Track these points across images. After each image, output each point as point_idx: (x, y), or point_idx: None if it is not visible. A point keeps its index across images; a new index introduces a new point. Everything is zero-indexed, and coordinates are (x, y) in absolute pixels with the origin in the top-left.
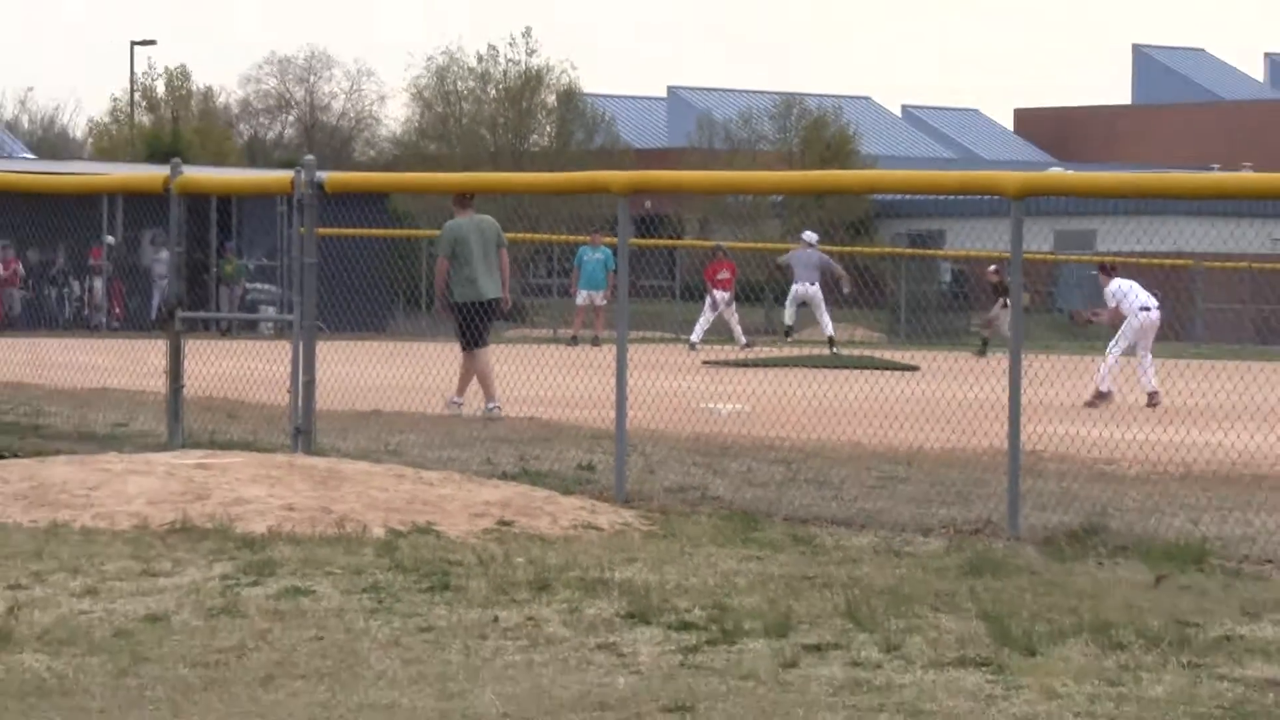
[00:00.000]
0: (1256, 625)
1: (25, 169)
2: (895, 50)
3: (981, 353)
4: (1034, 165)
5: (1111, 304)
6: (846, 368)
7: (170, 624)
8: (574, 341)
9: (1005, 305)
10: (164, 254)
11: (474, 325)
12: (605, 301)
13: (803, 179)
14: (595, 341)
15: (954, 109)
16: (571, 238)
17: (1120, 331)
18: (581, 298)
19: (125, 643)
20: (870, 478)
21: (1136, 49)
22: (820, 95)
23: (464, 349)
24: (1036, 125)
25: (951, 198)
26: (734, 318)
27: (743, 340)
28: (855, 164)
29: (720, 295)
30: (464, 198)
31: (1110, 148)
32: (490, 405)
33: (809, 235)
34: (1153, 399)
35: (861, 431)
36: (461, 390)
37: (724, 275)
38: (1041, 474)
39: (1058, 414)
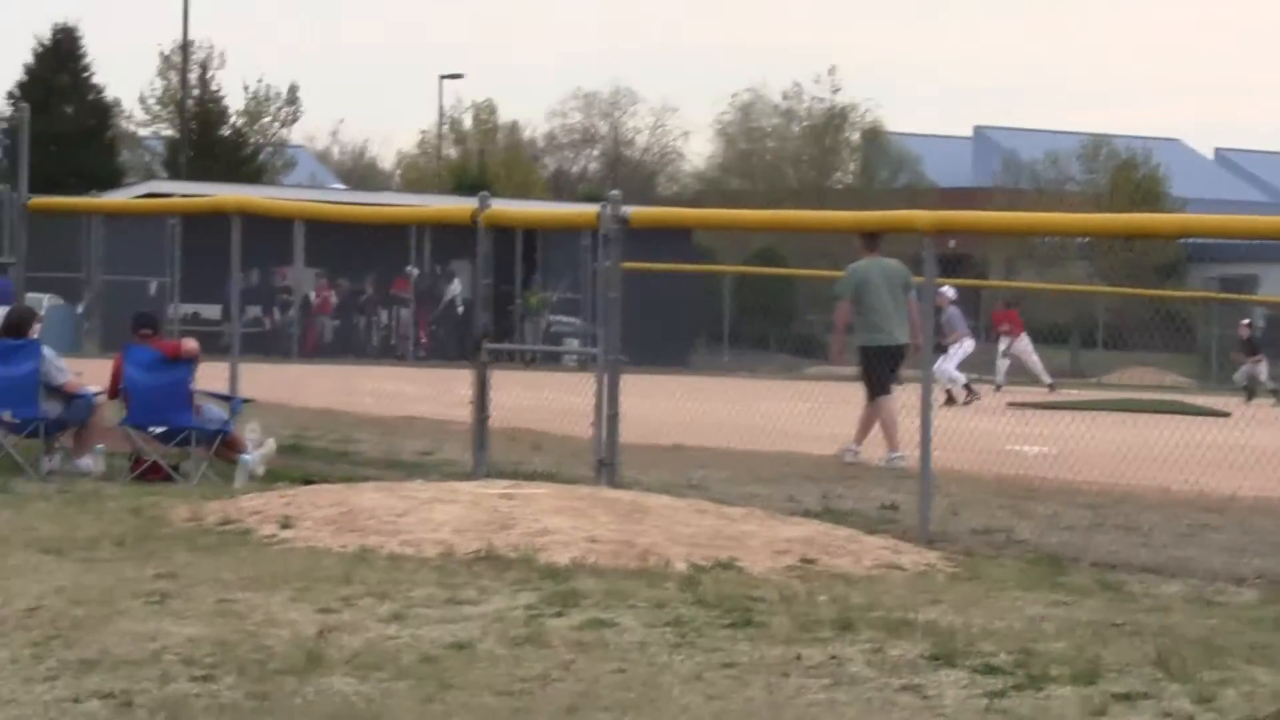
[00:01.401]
0: None
1: (338, 199)
2: (1207, 93)
3: (1249, 398)
4: None
5: None
6: (1155, 412)
7: (475, 652)
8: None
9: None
10: (455, 284)
11: (880, 371)
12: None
13: (1112, 221)
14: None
15: (1270, 152)
16: None
17: None
18: None
19: (431, 669)
20: (1180, 525)
21: None
22: (1129, 136)
23: (869, 396)
24: None
25: (1266, 242)
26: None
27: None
28: (1165, 206)
29: (1005, 343)
30: (872, 238)
31: None
32: (893, 455)
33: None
34: None
35: (1171, 477)
36: (860, 438)
37: (1005, 327)
38: None
39: None
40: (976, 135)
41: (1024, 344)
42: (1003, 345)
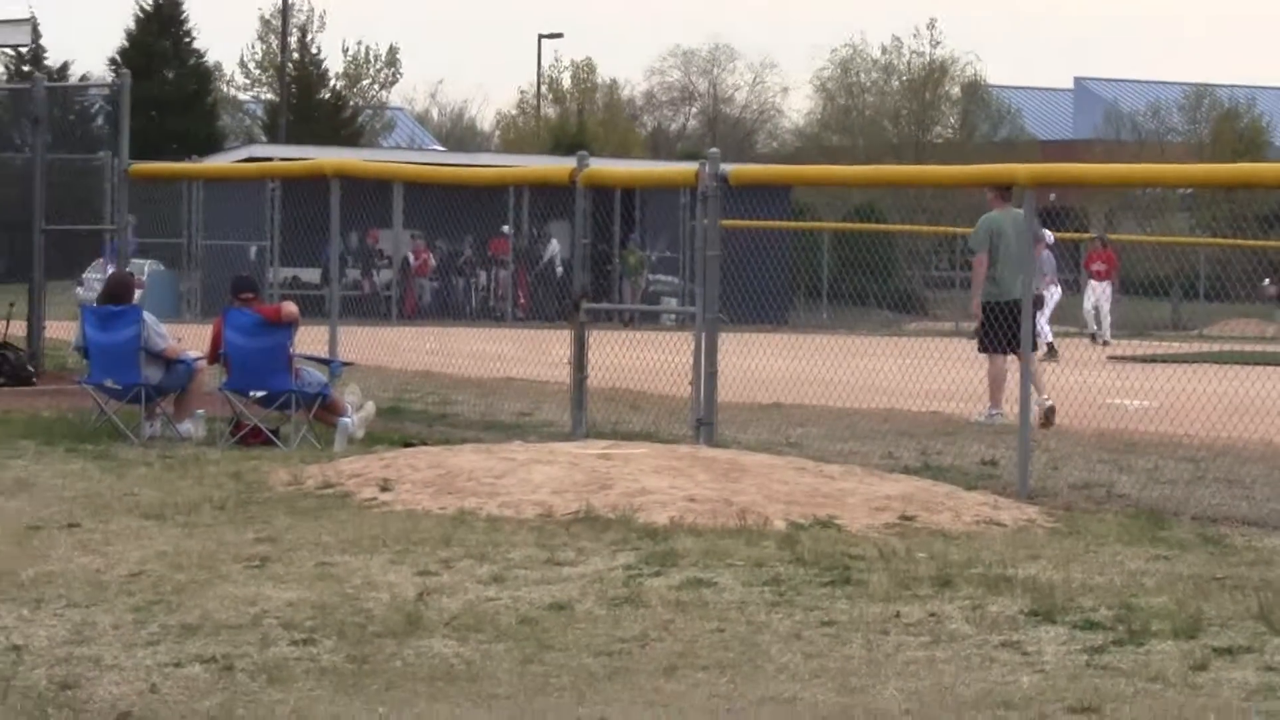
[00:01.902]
0: None
1: (437, 161)
2: None
3: None
4: None
5: None
6: (1257, 364)
7: (574, 613)
8: None
9: None
10: (553, 245)
11: (997, 328)
12: None
13: (1214, 171)
14: None
15: None
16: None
17: None
18: None
19: (530, 630)
20: None
21: None
22: (1232, 86)
23: (981, 349)
24: None
25: None
26: (1105, 309)
27: (1105, 336)
28: (1268, 156)
29: (1096, 286)
30: (1004, 190)
31: None
32: (993, 412)
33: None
34: None
35: (1273, 430)
36: (996, 398)
37: (1098, 266)
38: None
39: None
40: (1077, 87)
41: (1105, 291)
42: (1092, 294)
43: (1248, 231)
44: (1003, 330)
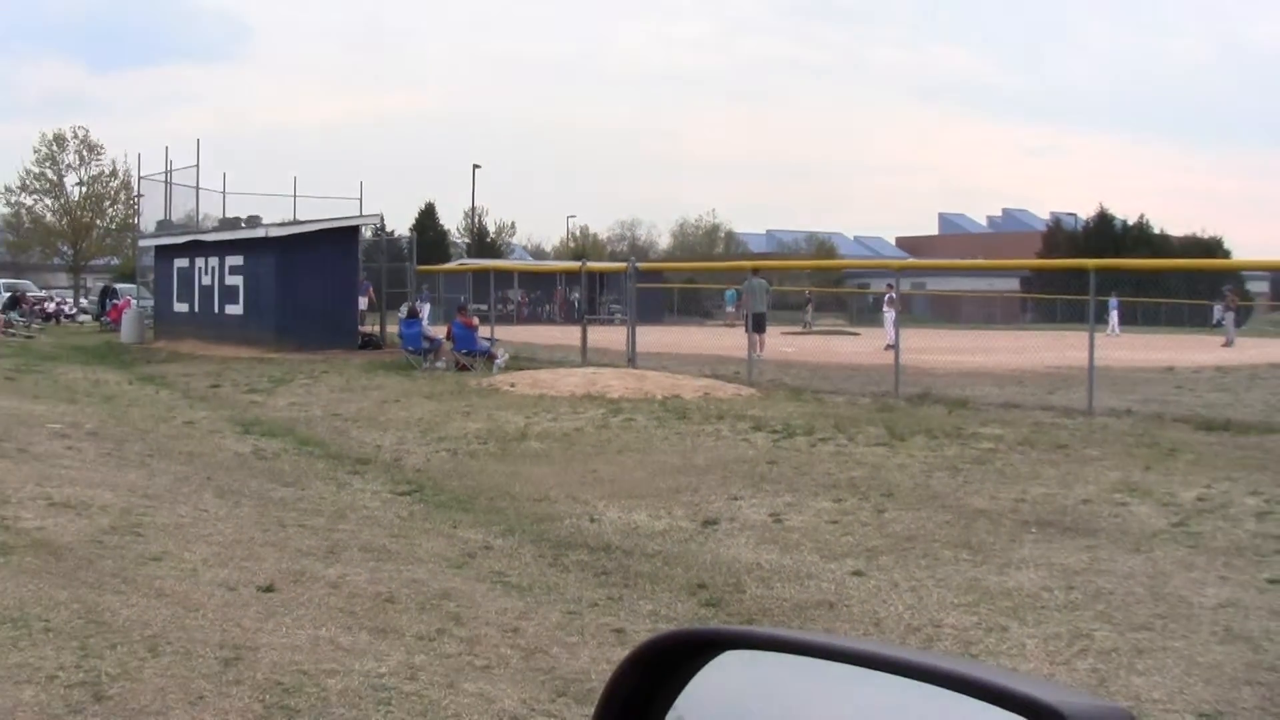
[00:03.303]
0: (984, 428)
1: (530, 264)
2: None
3: None
4: None
5: None
6: (834, 334)
7: (584, 431)
8: None
9: None
10: (576, 293)
11: (753, 323)
12: None
13: None
14: None
15: None
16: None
17: None
18: None
19: (567, 437)
20: None
21: None
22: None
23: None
24: None
25: None
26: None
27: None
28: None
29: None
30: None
31: None
32: (754, 354)
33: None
34: None
35: (848, 352)
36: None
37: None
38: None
39: None
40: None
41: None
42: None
43: None
44: (753, 324)
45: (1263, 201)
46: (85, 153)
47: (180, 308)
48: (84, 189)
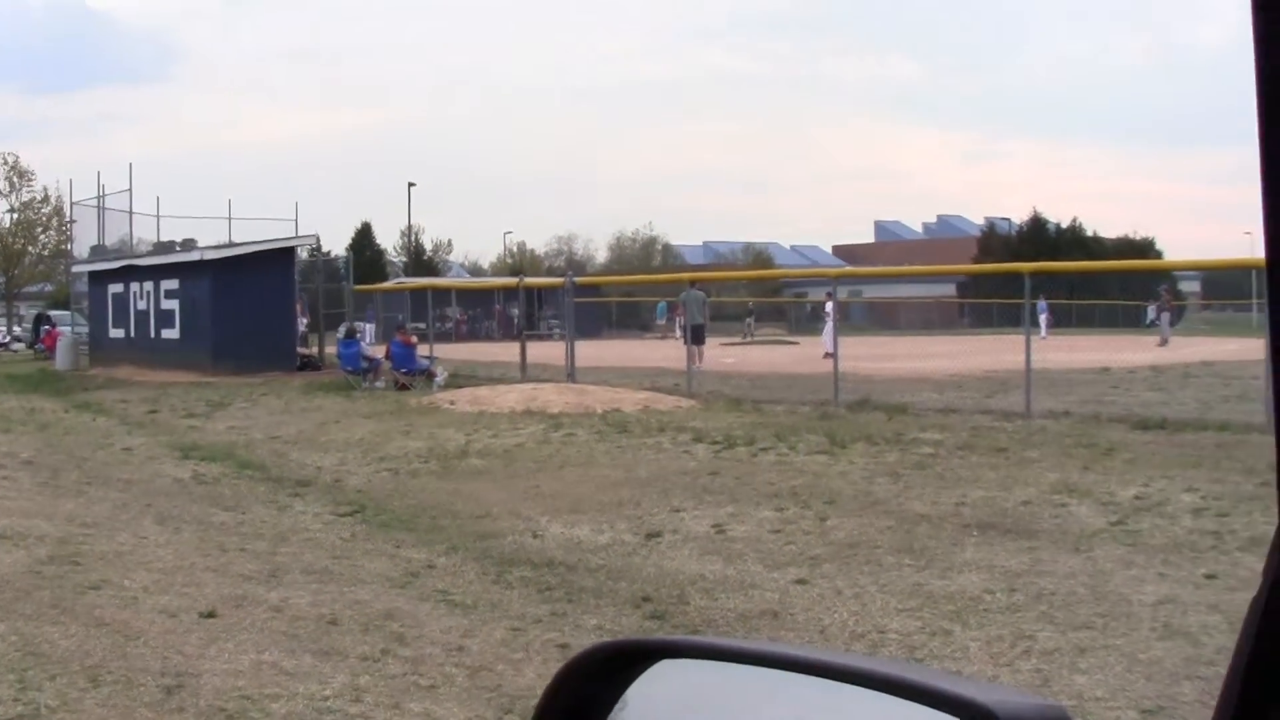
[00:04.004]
0: (924, 433)
1: (466, 281)
2: None
3: None
4: None
5: None
6: (772, 344)
7: (524, 447)
8: None
9: None
10: (514, 309)
11: (694, 335)
12: None
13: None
14: None
15: None
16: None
17: None
18: None
19: (508, 454)
20: None
21: None
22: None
23: (695, 342)
24: None
25: None
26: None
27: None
28: None
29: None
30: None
31: None
32: (694, 367)
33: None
34: None
35: (787, 361)
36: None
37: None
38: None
39: None
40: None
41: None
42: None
43: None
44: (692, 335)
45: (1194, 203)
46: (16, 179)
47: (116, 333)
48: (15, 216)
